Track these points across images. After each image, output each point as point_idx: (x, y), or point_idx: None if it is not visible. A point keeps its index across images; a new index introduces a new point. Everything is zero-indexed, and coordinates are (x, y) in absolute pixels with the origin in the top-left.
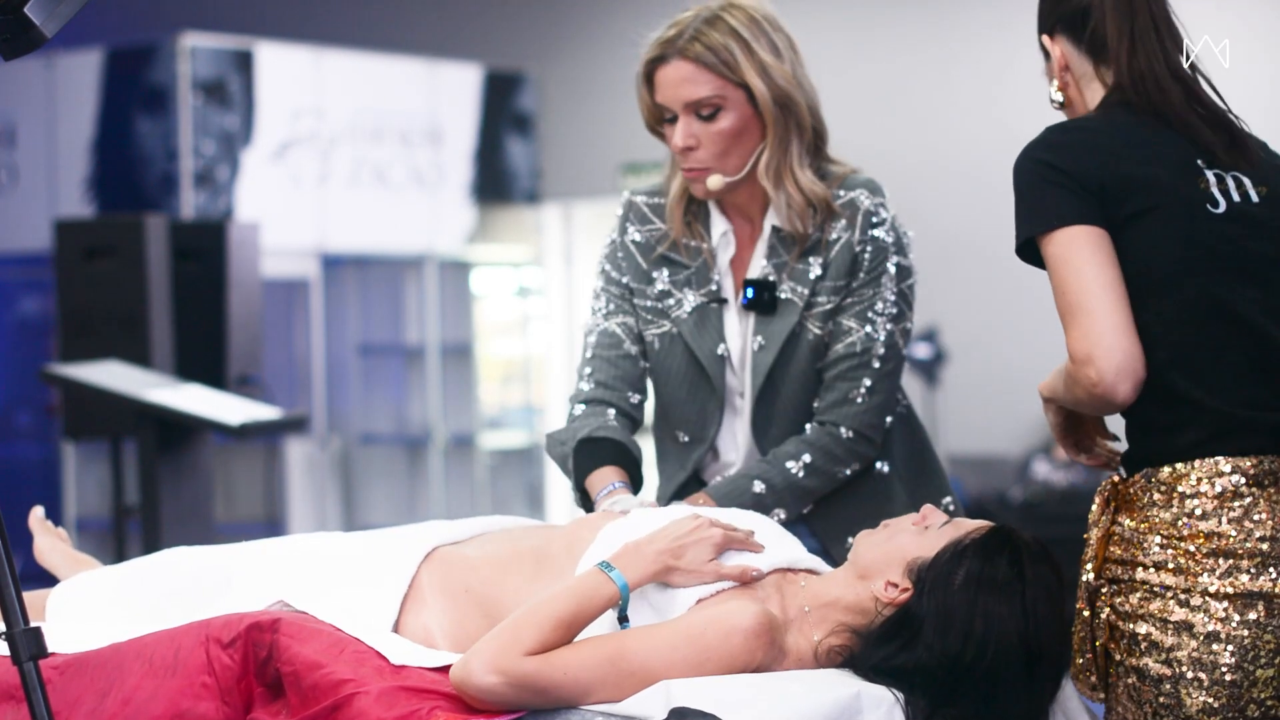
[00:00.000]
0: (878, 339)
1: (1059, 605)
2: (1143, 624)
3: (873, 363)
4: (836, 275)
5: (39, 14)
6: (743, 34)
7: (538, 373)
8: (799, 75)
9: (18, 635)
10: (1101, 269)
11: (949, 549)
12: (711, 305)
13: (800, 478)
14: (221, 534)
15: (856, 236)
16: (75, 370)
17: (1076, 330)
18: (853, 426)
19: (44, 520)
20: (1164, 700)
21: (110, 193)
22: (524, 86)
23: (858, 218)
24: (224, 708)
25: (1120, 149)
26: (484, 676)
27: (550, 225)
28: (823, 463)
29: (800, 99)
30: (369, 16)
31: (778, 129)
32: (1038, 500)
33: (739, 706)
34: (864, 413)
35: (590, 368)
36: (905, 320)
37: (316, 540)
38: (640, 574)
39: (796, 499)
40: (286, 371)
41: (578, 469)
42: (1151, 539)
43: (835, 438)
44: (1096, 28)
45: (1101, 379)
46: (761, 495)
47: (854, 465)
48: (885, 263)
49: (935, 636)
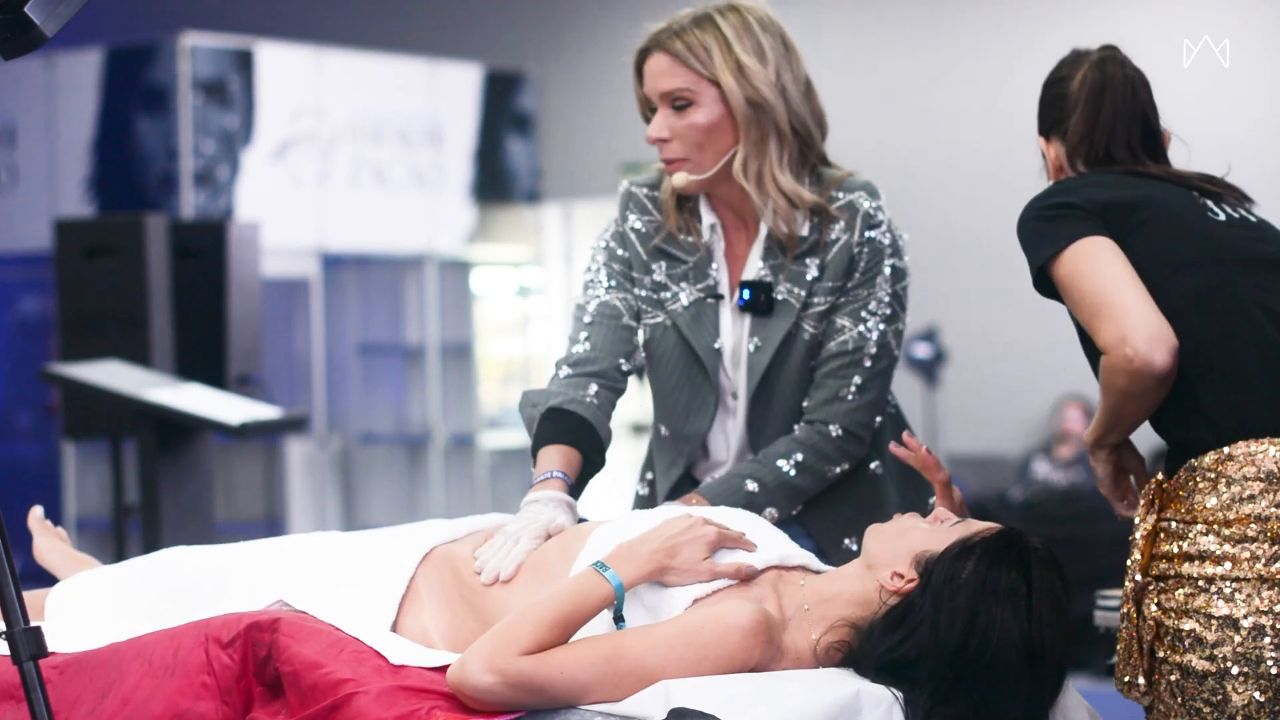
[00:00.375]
0: (870, 338)
1: (1064, 608)
2: (1187, 620)
3: (864, 361)
4: (834, 276)
5: (39, 14)
6: (726, 34)
7: (538, 372)
8: (784, 81)
9: (18, 635)
10: (1114, 266)
11: (957, 544)
12: (708, 301)
13: (791, 476)
14: (221, 534)
15: (855, 238)
16: (75, 370)
17: (1104, 323)
18: (843, 425)
19: (43, 520)
20: (1209, 697)
21: (110, 193)
22: (524, 86)
23: (856, 220)
24: (223, 707)
25: (1114, 183)
26: (480, 676)
27: (550, 225)
28: (814, 461)
29: (777, 104)
30: (369, 16)
31: (750, 131)
32: (1038, 500)
33: (738, 706)
34: (854, 411)
35: (586, 332)
36: (898, 321)
37: (316, 540)
38: (635, 574)
39: (788, 498)
40: (286, 371)
41: (537, 437)
42: (1195, 529)
43: (825, 436)
44: (1070, 128)
45: (1136, 350)
46: (754, 494)
47: (844, 464)
48: (881, 264)
49: (938, 627)
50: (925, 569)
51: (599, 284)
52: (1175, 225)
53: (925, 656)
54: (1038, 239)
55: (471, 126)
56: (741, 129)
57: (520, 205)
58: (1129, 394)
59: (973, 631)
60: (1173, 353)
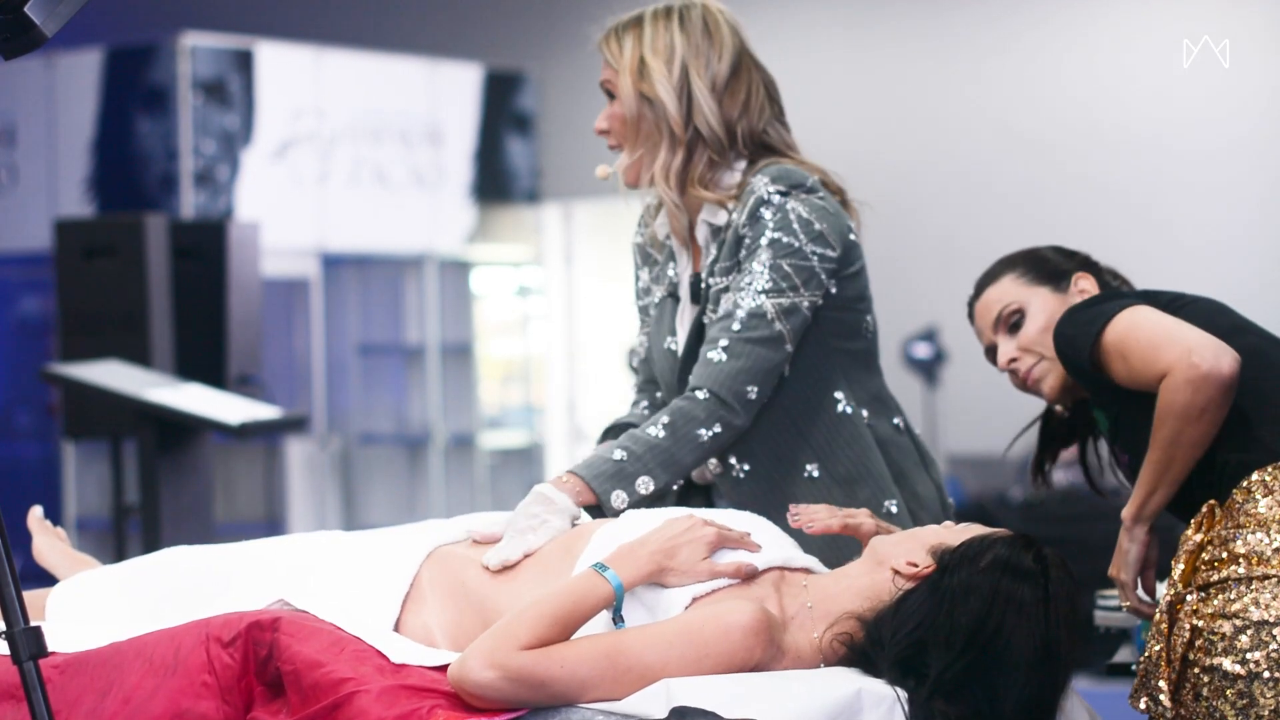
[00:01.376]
0: (742, 305)
1: (1077, 606)
2: (1225, 623)
3: (732, 325)
4: (726, 257)
5: (39, 14)
6: (645, 31)
7: (538, 373)
8: (690, 80)
9: (18, 635)
10: (1167, 317)
11: (975, 539)
12: (668, 300)
13: (659, 438)
14: (221, 534)
15: (743, 219)
16: (75, 370)
17: (1166, 348)
18: (708, 387)
19: (43, 520)
20: (1234, 700)
21: (110, 192)
22: (524, 86)
23: (749, 201)
24: (224, 707)
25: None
26: (480, 672)
27: (550, 225)
28: (681, 422)
29: (670, 103)
30: (369, 16)
31: (641, 126)
32: (1037, 500)
33: (739, 705)
34: (720, 374)
35: (637, 363)
36: (783, 296)
37: (316, 540)
38: (634, 575)
39: (660, 463)
40: (286, 371)
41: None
42: (1243, 533)
43: (692, 399)
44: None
45: (1203, 357)
46: (622, 462)
47: (715, 427)
48: (760, 239)
49: (955, 607)
50: (943, 555)
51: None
52: (1214, 308)
53: (939, 640)
54: (1084, 324)
55: (471, 126)
56: (631, 124)
57: (520, 205)
58: (1191, 411)
59: (991, 613)
60: (1237, 362)
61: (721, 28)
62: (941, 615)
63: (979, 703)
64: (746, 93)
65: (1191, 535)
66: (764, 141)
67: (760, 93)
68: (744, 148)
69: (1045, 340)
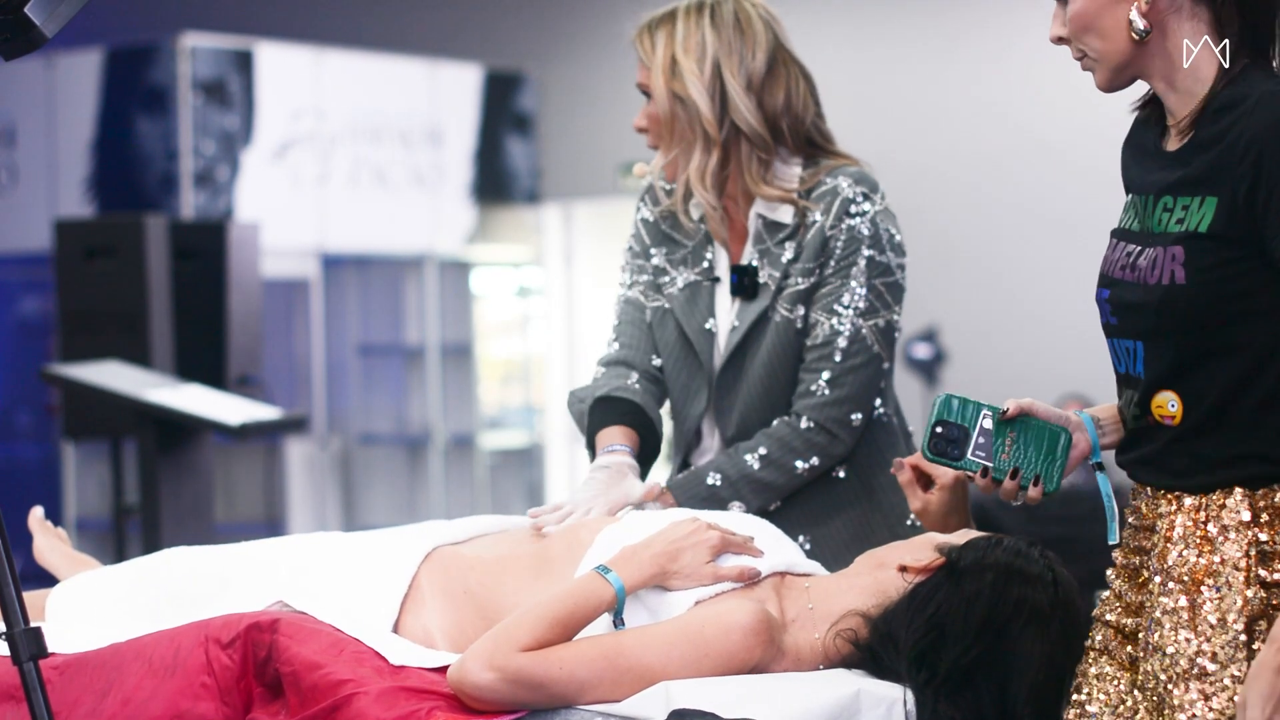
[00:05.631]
0: (841, 331)
1: (1086, 605)
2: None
3: (834, 355)
4: (809, 259)
5: (39, 14)
6: (678, 28)
7: (538, 373)
8: (725, 81)
9: (18, 635)
10: None
11: (980, 537)
12: (704, 283)
13: (755, 469)
14: (221, 534)
15: (829, 222)
16: (75, 370)
17: None
18: (812, 418)
19: (43, 520)
20: None
21: (110, 193)
22: (524, 86)
23: (835, 204)
24: (223, 708)
25: None
26: (480, 674)
27: (550, 225)
28: (778, 454)
29: (701, 104)
30: (369, 16)
31: (675, 125)
32: None
33: (739, 706)
34: (825, 405)
35: (616, 333)
36: (878, 316)
37: (316, 541)
38: (637, 577)
39: (754, 491)
40: (286, 371)
41: (590, 425)
42: None
43: (794, 429)
44: None
45: None
46: (716, 487)
47: (812, 459)
48: (857, 254)
49: (971, 592)
50: (950, 550)
51: (624, 283)
52: None
53: (955, 626)
54: None
55: (471, 127)
56: (665, 124)
57: (520, 205)
58: None
59: (1003, 601)
60: None
61: (755, 22)
62: (958, 598)
63: (984, 704)
64: (786, 88)
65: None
66: (810, 137)
67: (800, 86)
68: (792, 143)
69: (1095, 27)
